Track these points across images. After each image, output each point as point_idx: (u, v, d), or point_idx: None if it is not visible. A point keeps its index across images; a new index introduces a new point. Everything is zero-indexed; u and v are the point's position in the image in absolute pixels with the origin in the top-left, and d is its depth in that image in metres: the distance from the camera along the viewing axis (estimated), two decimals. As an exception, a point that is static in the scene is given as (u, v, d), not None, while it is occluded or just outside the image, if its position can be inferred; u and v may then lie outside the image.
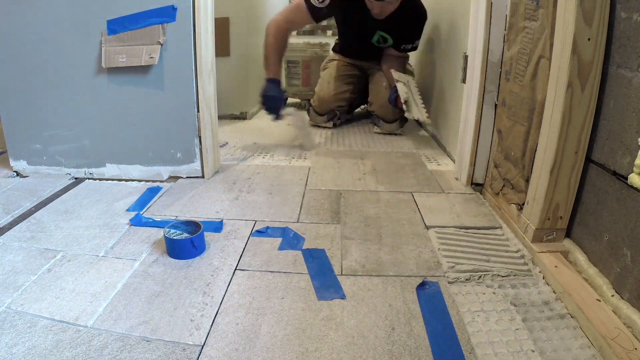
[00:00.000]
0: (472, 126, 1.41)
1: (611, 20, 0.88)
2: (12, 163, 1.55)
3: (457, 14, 1.81)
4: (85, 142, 1.50)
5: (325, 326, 0.82)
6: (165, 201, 1.36)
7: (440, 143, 2.01)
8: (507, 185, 1.25)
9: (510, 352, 0.76)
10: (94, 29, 1.40)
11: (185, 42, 1.39)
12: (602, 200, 0.92)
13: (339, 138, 2.14)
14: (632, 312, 0.79)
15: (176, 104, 1.45)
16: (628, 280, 0.82)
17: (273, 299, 0.90)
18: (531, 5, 1.11)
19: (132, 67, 1.41)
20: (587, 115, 0.94)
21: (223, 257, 1.05)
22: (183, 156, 1.51)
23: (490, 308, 0.87)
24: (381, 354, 0.76)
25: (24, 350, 0.74)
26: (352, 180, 1.55)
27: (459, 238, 1.14)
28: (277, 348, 0.76)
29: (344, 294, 0.91)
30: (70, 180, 1.52)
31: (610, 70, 0.89)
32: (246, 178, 1.56)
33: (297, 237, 1.14)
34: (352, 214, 1.28)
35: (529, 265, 1.02)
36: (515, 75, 1.20)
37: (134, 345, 0.76)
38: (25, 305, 0.86)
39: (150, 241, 1.11)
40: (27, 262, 1.01)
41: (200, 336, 0.79)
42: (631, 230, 0.82)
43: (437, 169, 1.68)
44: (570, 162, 0.98)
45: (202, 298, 0.90)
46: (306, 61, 2.88)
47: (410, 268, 1.01)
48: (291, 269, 1.01)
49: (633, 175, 0.79)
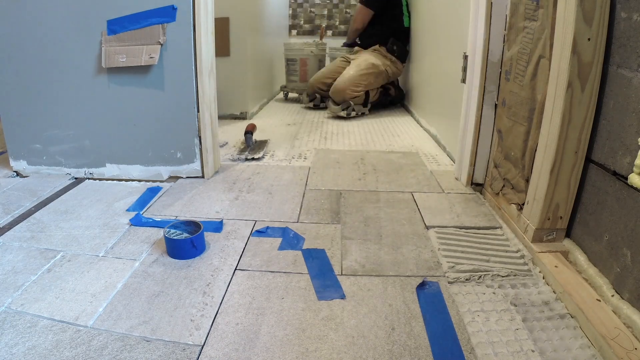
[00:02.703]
0: (472, 126, 1.41)
1: (611, 20, 0.88)
2: (12, 163, 1.55)
3: (457, 14, 1.81)
4: (85, 142, 1.50)
5: (325, 326, 0.82)
6: (165, 201, 1.36)
7: (440, 143, 2.01)
8: (507, 185, 1.25)
9: (510, 352, 0.76)
10: (94, 29, 1.40)
11: (185, 42, 1.39)
12: (602, 200, 0.92)
13: (339, 138, 2.14)
14: (632, 312, 0.78)
15: (176, 104, 1.45)
16: (628, 280, 0.82)
17: (273, 299, 0.90)
18: (531, 5, 1.11)
19: (132, 67, 1.41)
20: (587, 115, 0.94)
21: (223, 257, 1.05)
22: (183, 156, 1.51)
23: (490, 308, 0.87)
24: (381, 354, 0.76)
25: (24, 350, 0.74)
26: (352, 180, 1.55)
27: (459, 238, 1.14)
28: (277, 348, 0.76)
29: (344, 294, 0.91)
30: (70, 180, 1.52)
31: (610, 70, 0.89)
32: (246, 178, 1.56)
33: (297, 237, 1.14)
34: (352, 214, 1.28)
35: (529, 265, 1.02)
36: (515, 75, 1.20)
37: (134, 345, 0.76)
38: (25, 305, 0.86)
39: (150, 241, 1.11)
40: (27, 262, 1.01)
41: (200, 336, 0.79)
42: (631, 230, 0.82)
43: (437, 169, 1.68)
44: (570, 162, 0.98)
45: (202, 298, 0.90)
46: (303, 59, 3.15)
47: (410, 268, 1.01)
48: (291, 269, 1.01)
49: (633, 175, 0.79)
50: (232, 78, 2.41)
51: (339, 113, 2.48)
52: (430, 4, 2.34)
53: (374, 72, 2.53)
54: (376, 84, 2.58)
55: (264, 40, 2.80)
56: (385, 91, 2.77)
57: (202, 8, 1.38)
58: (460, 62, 1.53)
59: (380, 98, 2.72)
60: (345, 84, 2.45)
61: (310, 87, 2.87)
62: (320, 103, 2.86)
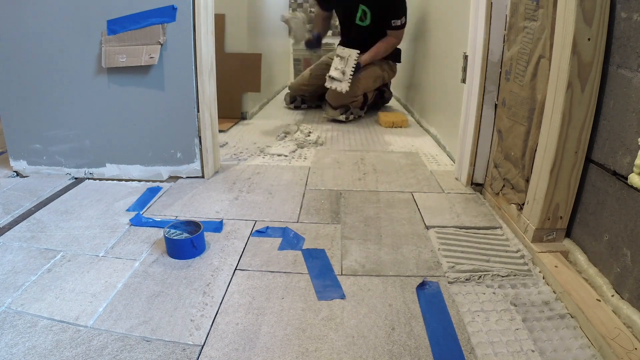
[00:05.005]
0: (472, 126, 1.41)
1: (611, 20, 0.88)
2: (12, 163, 1.55)
3: (457, 14, 1.81)
4: (85, 142, 1.50)
5: (325, 326, 0.82)
6: (165, 201, 1.36)
7: (440, 143, 2.01)
8: (507, 185, 1.25)
9: (510, 352, 0.76)
10: (94, 29, 1.40)
11: (185, 42, 1.39)
12: (602, 200, 0.92)
13: (339, 138, 2.14)
14: (632, 312, 0.79)
15: (176, 104, 1.45)
16: (628, 280, 0.82)
17: (273, 299, 0.90)
18: (531, 5, 1.11)
19: (132, 67, 1.41)
20: (587, 115, 0.94)
21: (223, 257, 1.05)
22: (183, 156, 1.51)
23: (490, 308, 0.87)
24: (381, 354, 0.76)
25: (24, 350, 0.74)
26: (352, 180, 1.55)
27: (459, 238, 1.14)
28: (277, 348, 0.76)
29: (343, 294, 0.91)
30: (70, 180, 1.52)
31: (610, 70, 0.89)
32: (246, 178, 1.56)
33: (297, 237, 1.14)
34: (352, 214, 1.28)
35: (529, 265, 1.02)
36: (515, 75, 1.20)
37: (134, 345, 0.76)
38: (25, 305, 0.86)
39: (150, 241, 1.11)
40: (27, 262, 1.01)
41: (200, 336, 0.79)
42: (631, 230, 0.82)
43: (437, 169, 1.68)
44: (570, 162, 0.98)
45: (202, 298, 0.90)
46: (307, 59, 3.45)
47: (410, 268, 1.01)
48: (291, 269, 1.01)
49: (633, 175, 0.79)
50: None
51: (338, 117, 2.46)
52: (430, 4, 2.34)
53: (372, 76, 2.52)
54: (374, 86, 2.57)
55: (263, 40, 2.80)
56: (380, 94, 2.77)
57: (202, 8, 1.38)
58: (460, 62, 1.53)
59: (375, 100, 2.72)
60: None
61: (292, 89, 2.86)
62: (302, 104, 2.86)
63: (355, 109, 2.51)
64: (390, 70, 2.64)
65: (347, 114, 2.47)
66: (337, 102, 2.44)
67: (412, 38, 2.73)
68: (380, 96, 2.79)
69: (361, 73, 2.42)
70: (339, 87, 2.30)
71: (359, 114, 2.55)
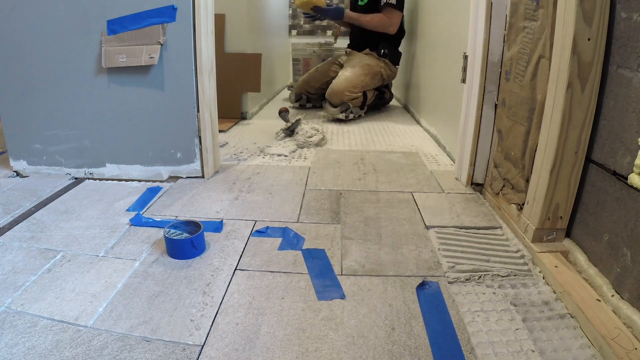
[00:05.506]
0: (472, 126, 1.41)
1: (611, 20, 0.88)
2: (12, 163, 1.55)
3: (457, 14, 1.81)
4: (85, 142, 1.50)
5: (325, 326, 0.82)
6: (165, 201, 1.36)
7: (440, 143, 2.01)
8: (507, 185, 1.25)
9: (510, 352, 0.76)
10: (94, 29, 1.40)
11: (185, 42, 1.39)
12: (602, 200, 0.92)
13: (339, 138, 2.14)
14: (632, 312, 0.79)
15: (176, 104, 1.45)
16: (628, 280, 0.82)
17: (273, 299, 0.90)
18: (531, 5, 1.11)
19: (132, 67, 1.41)
20: (587, 115, 0.94)
21: (223, 257, 1.05)
22: (183, 156, 1.51)
23: (490, 308, 0.87)
24: (381, 354, 0.76)
25: (24, 350, 0.74)
26: (352, 180, 1.55)
27: (459, 238, 1.14)
28: (277, 348, 0.76)
29: (343, 294, 0.91)
30: (70, 180, 1.52)
31: (610, 70, 0.89)
32: (246, 178, 1.56)
33: (297, 237, 1.14)
34: (352, 214, 1.28)
35: (529, 265, 1.02)
36: (515, 75, 1.20)
37: (134, 345, 0.76)
38: (25, 305, 0.86)
39: (150, 241, 1.11)
40: (27, 262, 1.01)
41: (200, 336, 0.79)
42: (631, 230, 0.82)
43: (437, 169, 1.68)
44: (570, 162, 0.98)
45: (202, 298, 0.90)
46: (306, 59, 3.38)
47: (410, 268, 1.01)
48: (291, 269, 1.01)
49: (633, 175, 0.79)
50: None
51: (337, 115, 2.47)
52: (430, 4, 2.34)
53: (370, 73, 2.52)
54: (372, 84, 2.57)
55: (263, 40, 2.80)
56: (380, 94, 2.77)
57: (202, 8, 1.38)
58: (460, 62, 1.53)
59: (375, 101, 2.72)
60: (343, 84, 2.44)
61: (297, 87, 2.88)
62: (307, 103, 2.88)
63: (355, 108, 2.51)
64: (388, 69, 2.63)
65: (347, 113, 2.47)
66: (337, 99, 2.44)
67: (412, 38, 2.73)
68: (381, 97, 2.79)
69: (354, 61, 2.54)
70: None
71: (359, 114, 2.55)
